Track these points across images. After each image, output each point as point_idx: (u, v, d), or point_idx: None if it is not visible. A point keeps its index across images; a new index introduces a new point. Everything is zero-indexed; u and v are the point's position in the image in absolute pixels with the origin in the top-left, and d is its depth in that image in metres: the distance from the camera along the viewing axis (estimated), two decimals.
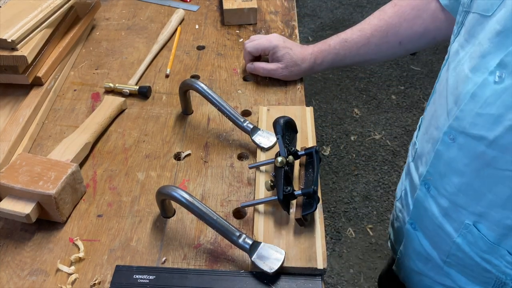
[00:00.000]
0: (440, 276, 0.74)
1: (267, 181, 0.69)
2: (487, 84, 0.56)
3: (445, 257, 0.71)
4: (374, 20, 0.89)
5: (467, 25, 0.63)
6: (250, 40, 0.97)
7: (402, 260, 0.84)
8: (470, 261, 0.67)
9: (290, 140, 0.76)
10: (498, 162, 0.57)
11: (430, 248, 0.74)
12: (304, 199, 0.67)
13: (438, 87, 0.70)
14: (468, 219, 0.64)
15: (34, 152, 0.83)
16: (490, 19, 0.57)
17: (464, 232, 0.65)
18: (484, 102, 0.56)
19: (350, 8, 3.03)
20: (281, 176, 0.67)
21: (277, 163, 0.68)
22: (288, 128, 0.76)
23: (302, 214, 0.65)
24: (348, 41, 0.89)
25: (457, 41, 0.65)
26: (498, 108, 0.55)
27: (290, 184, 0.67)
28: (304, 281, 0.62)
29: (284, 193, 0.65)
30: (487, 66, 0.56)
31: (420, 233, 0.75)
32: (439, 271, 0.74)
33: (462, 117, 0.60)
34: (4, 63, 0.84)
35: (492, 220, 0.61)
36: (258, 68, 0.94)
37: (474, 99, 0.57)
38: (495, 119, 0.55)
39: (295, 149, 0.72)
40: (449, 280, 0.73)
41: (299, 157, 0.73)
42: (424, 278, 0.79)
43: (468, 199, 0.63)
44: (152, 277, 0.63)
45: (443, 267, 0.72)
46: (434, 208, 0.69)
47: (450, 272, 0.72)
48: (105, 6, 1.19)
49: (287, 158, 0.69)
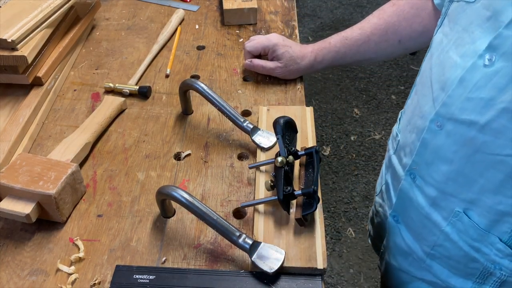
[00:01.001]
0: (421, 270, 0.74)
1: (267, 181, 0.69)
2: (476, 68, 0.56)
3: (429, 249, 0.70)
4: (374, 19, 0.89)
5: (450, 14, 0.64)
6: (250, 41, 0.97)
7: (384, 256, 0.84)
8: (457, 252, 0.66)
9: (290, 140, 0.76)
10: (490, 147, 0.56)
11: (412, 241, 0.73)
12: (304, 199, 0.67)
13: (420, 79, 0.70)
14: (458, 207, 0.63)
15: (34, 152, 0.83)
16: (473, 5, 0.58)
17: (453, 220, 0.65)
18: (474, 86, 0.56)
19: (350, 8, 3.03)
20: (281, 176, 0.67)
21: (277, 163, 0.68)
22: (288, 128, 0.76)
23: (302, 214, 0.65)
24: (349, 39, 0.90)
25: (440, 32, 0.66)
26: (489, 91, 0.54)
27: (290, 184, 0.67)
28: (304, 281, 0.62)
29: (284, 193, 0.65)
30: (476, 50, 0.56)
31: (402, 226, 0.75)
32: (419, 265, 0.74)
33: (450, 103, 0.59)
34: (4, 63, 0.84)
35: (483, 206, 0.61)
36: (257, 66, 0.94)
37: (463, 84, 0.57)
38: (486, 103, 0.55)
39: (295, 149, 0.72)
40: (430, 274, 0.72)
41: (299, 157, 0.73)
42: (403, 274, 0.79)
43: (457, 187, 0.62)
44: (152, 277, 0.63)
45: (425, 260, 0.72)
46: (420, 198, 0.68)
47: (432, 265, 0.72)
48: (105, 6, 1.19)
49: (287, 158, 0.69)
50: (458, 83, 0.58)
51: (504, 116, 0.54)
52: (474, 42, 0.57)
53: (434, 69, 0.64)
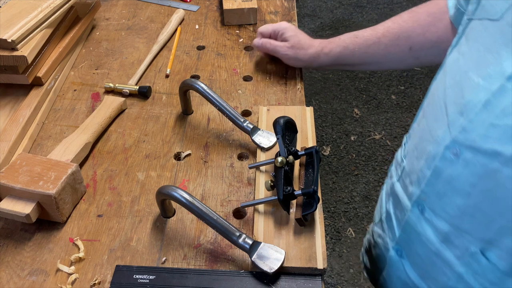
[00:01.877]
0: None
1: (267, 181, 0.69)
2: (504, 91, 0.49)
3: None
4: (389, 22, 0.88)
5: (469, 32, 0.58)
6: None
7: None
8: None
9: (290, 140, 0.76)
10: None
11: (418, 279, 0.67)
12: (304, 199, 0.67)
13: (430, 101, 0.64)
14: (474, 246, 0.57)
15: (34, 152, 0.83)
16: (498, 22, 0.52)
17: (468, 260, 0.58)
18: (501, 112, 0.49)
19: (350, 8, 3.03)
20: (281, 176, 0.67)
21: (277, 163, 0.68)
22: (288, 128, 0.76)
23: (302, 214, 0.65)
24: (359, 37, 0.89)
25: (456, 51, 0.60)
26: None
27: (290, 184, 0.67)
28: (304, 281, 0.62)
29: (284, 193, 0.65)
30: (503, 72, 0.50)
31: (406, 261, 0.69)
32: None
33: (471, 129, 0.53)
34: (4, 63, 0.84)
35: (503, 247, 0.54)
36: (265, 43, 0.95)
37: (488, 108, 0.51)
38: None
39: (295, 149, 0.72)
40: None
41: (299, 157, 0.73)
42: None
43: (474, 224, 0.56)
44: (152, 277, 0.63)
45: None
46: (429, 232, 0.62)
47: None
48: (105, 6, 1.19)
49: (287, 158, 0.69)
50: (482, 107, 0.51)
51: None
52: (501, 63, 0.50)
53: (449, 91, 0.58)
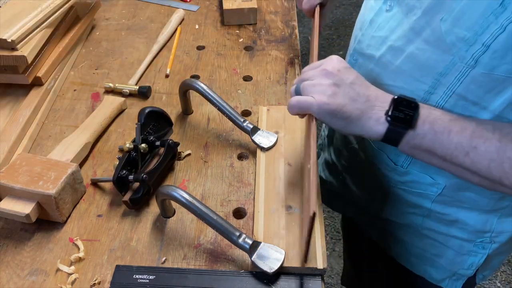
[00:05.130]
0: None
1: (115, 163, 0.73)
2: (381, 12, 0.69)
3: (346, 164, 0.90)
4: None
5: None
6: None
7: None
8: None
9: (157, 131, 0.79)
10: (381, 78, 0.68)
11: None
12: (139, 185, 0.72)
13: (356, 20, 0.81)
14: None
15: (34, 152, 0.83)
16: None
17: (359, 139, 0.80)
18: (378, 27, 0.68)
19: (350, 8, 3.03)
20: (123, 160, 0.72)
21: (124, 148, 0.72)
22: (155, 118, 0.79)
23: (130, 198, 0.70)
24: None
25: None
26: (385, 31, 0.67)
27: (135, 169, 0.73)
28: (304, 281, 0.62)
29: (118, 176, 0.70)
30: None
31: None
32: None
33: (362, 40, 0.72)
34: (4, 63, 0.84)
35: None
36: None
37: (372, 24, 0.70)
38: (382, 41, 0.67)
39: (154, 139, 0.76)
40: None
41: (157, 147, 0.77)
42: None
43: None
44: (152, 277, 0.63)
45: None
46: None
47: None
48: (105, 6, 1.19)
49: (139, 145, 0.73)
50: (369, 24, 0.70)
51: (389, 53, 0.66)
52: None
53: (361, 11, 0.77)
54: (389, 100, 0.59)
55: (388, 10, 0.67)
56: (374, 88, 0.62)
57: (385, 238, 0.89)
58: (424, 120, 0.58)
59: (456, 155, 0.58)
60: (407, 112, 0.58)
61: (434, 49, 0.60)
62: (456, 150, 0.57)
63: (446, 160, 0.59)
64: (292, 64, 0.99)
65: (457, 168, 0.59)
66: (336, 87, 0.60)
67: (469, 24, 0.54)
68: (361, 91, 0.60)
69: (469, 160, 0.57)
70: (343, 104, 0.59)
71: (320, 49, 2.97)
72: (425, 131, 0.58)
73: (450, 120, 0.58)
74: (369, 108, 0.59)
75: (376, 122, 0.59)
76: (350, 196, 0.92)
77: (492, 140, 0.56)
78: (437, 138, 0.58)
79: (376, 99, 0.60)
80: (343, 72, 0.61)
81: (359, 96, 0.60)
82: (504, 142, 0.55)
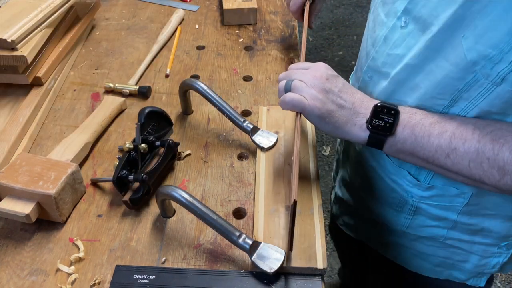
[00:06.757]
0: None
1: (114, 163, 0.72)
2: (395, 28, 0.65)
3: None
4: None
5: None
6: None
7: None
8: (381, 183, 0.79)
9: (157, 131, 0.79)
10: (395, 94, 0.66)
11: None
12: (139, 185, 0.72)
13: (364, 34, 0.78)
14: None
15: (34, 152, 0.83)
16: None
17: (377, 157, 0.76)
18: (393, 44, 0.65)
19: (350, 8, 3.03)
20: (122, 160, 0.71)
21: (124, 148, 0.72)
22: (155, 119, 0.79)
23: (130, 198, 0.70)
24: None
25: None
26: (402, 49, 0.64)
27: (135, 169, 0.73)
28: (304, 281, 0.62)
29: (118, 176, 0.69)
30: (396, 12, 0.64)
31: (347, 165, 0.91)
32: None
33: (376, 58, 0.69)
34: (4, 63, 0.84)
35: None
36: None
37: (386, 41, 0.66)
38: (399, 59, 0.64)
39: (154, 139, 0.76)
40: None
41: (157, 147, 0.77)
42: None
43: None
44: (152, 277, 0.63)
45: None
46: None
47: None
48: (105, 6, 1.19)
49: (139, 145, 0.73)
50: (383, 41, 0.67)
51: (405, 70, 0.63)
52: (394, 3, 0.64)
53: (369, 25, 0.74)
54: (371, 107, 0.63)
55: (404, 26, 0.63)
56: (360, 95, 0.65)
57: (402, 255, 0.86)
58: (404, 126, 0.61)
59: (437, 157, 0.60)
60: (387, 120, 0.61)
61: (454, 67, 0.57)
62: (436, 152, 0.60)
63: (429, 162, 0.62)
64: (292, 64, 0.99)
65: (440, 169, 0.62)
66: (326, 93, 0.63)
67: (495, 41, 0.52)
68: (347, 99, 0.64)
69: (450, 162, 0.59)
70: (331, 110, 0.63)
71: (320, 49, 2.95)
72: (405, 136, 0.61)
73: (431, 124, 0.60)
74: (354, 115, 0.63)
75: (360, 129, 0.63)
76: (367, 214, 0.87)
77: (471, 141, 0.57)
78: (418, 142, 0.61)
79: (361, 106, 0.64)
80: (331, 80, 0.65)
81: (346, 103, 0.63)
82: (483, 142, 0.56)
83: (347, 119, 0.63)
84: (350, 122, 0.63)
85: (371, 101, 0.64)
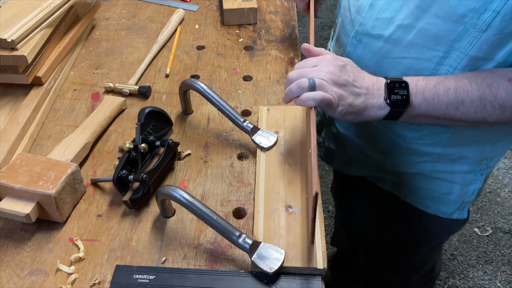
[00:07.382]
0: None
1: (115, 163, 0.72)
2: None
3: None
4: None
5: None
6: None
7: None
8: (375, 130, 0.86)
9: (157, 131, 0.79)
10: (392, 53, 0.73)
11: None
12: (139, 185, 0.72)
13: (342, 4, 0.85)
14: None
15: (34, 152, 0.83)
16: None
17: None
18: (380, 9, 0.73)
19: None
20: (122, 160, 0.72)
21: (124, 148, 0.72)
22: (156, 118, 0.79)
23: (130, 197, 0.70)
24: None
25: None
26: (390, 13, 0.71)
27: (135, 169, 0.73)
28: (304, 281, 0.62)
29: (118, 176, 0.70)
30: None
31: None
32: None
33: (364, 23, 0.76)
34: (4, 63, 0.84)
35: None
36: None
37: (372, 8, 0.74)
38: (388, 21, 0.72)
39: (154, 138, 0.76)
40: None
41: (157, 147, 0.77)
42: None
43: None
44: (152, 277, 0.63)
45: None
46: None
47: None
48: (105, 6, 1.19)
49: (139, 145, 0.73)
50: (369, 7, 0.74)
51: (399, 30, 0.71)
52: None
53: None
54: (383, 86, 0.69)
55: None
56: (368, 77, 0.70)
57: (399, 189, 0.94)
58: (416, 94, 0.68)
59: (448, 112, 0.68)
60: (402, 93, 0.68)
61: (445, 21, 0.65)
62: (447, 108, 0.68)
63: (440, 119, 0.70)
64: (292, 64, 0.99)
65: (449, 121, 0.70)
66: (344, 88, 0.67)
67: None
68: (361, 85, 0.68)
69: (459, 113, 0.68)
70: (351, 102, 0.67)
71: (320, 46, 2.96)
72: (419, 102, 0.68)
73: (435, 86, 0.68)
74: (370, 98, 0.68)
75: (379, 108, 0.68)
76: (367, 159, 0.95)
77: (472, 91, 0.66)
78: (430, 104, 0.68)
79: (373, 88, 0.69)
80: (343, 71, 0.68)
81: (361, 89, 0.68)
82: (482, 90, 0.66)
83: (366, 105, 0.68)
84: (369, 106, 0.68)
85: (379, 80, 0.69)
